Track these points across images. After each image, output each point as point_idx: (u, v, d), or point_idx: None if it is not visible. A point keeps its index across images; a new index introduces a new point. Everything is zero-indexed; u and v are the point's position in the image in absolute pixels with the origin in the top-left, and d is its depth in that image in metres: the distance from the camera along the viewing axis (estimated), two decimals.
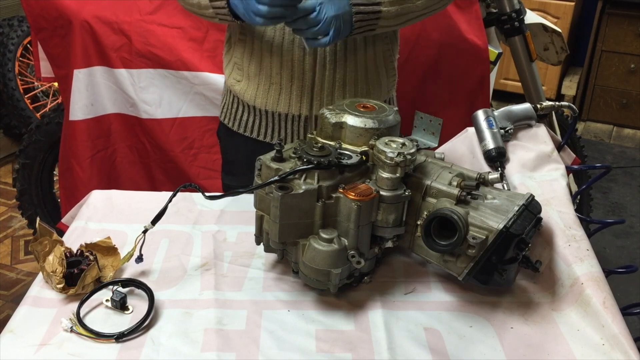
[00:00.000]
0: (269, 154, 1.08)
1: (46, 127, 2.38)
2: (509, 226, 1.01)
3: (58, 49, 2.16)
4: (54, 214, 2.52)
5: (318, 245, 1.03)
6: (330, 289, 1.05)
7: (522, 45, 2.31)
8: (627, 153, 4.03)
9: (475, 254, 1.01)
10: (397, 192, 1.05)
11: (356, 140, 1.10)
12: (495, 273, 1.04)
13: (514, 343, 1.01)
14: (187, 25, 2.14)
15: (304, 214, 1.03)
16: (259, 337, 1.00)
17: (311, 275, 1.04)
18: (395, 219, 1.07)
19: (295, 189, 1.02)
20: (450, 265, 1.06)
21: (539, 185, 1.25)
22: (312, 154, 1.04)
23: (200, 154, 2.19)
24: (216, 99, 2.13)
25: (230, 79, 1.46)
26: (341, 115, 1.11)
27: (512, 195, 1.09)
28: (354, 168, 1.07)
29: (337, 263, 1.03)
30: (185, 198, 1.38)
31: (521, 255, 1.04)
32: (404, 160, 1.03)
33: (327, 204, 1.04)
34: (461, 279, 1.05)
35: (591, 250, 1.12)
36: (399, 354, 0.98)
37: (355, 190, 1.03)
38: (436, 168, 1.11)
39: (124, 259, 1.12)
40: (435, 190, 1.07)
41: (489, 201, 1.07)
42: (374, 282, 1.14)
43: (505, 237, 1.01)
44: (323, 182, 1.04)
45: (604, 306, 1.02)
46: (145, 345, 0.97)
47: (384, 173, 1.04)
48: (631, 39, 4.15)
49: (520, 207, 1.05)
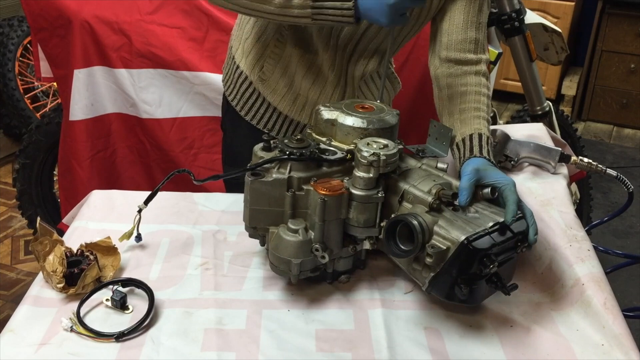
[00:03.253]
0: (261, 143, 1.10)
1: (46, 127, 2.38)
2: (472, 239, 0.95)
3: (58, 49, 2.16)
4: (54, 214, 2.52)
5: (283, 234, 1.05)
6: (291, 279, 1.07)
7: (522, 45, 2.31)
8: (627, 153, 4.03)
9: (432, 263, 0.97)
10: (369, 192, 1.04)
11: (345, 139, 1.11)
12: (456, 287, 0.98)
13: (514, 343, 1.01)
14: (187, 25, 2.14)
15: (274, 202, 1.06)
16: (259, 337, 1.00)
17: (275, 262, 1.06)
18: (367, 220, 1.06)
19: (266, 176, 1.05)
20: (417, 273, 1.04)
21: (540, 186, 1.25)
22: (288, 145, 1.07)
23: (200, 154, 2.19)
24: (216, 99, 2.13)
25: (255, 73, 1.40)
26: (334, 112, 1.13)
27: (496, 212, 1.02)
28: (334, 164, 1.08)
29: (298, 254, 1.04)
30: (186, 198, 1.38)
31: (487, 272, 0.97)
32: (377, 161, 1.02)
33: (297, 195, 1.06)
34: (424, 289, 1.02)
35: (592, 250, 1.12)
36: (398, 353, 0.98)
37: (324, 185, 1.04)
38: (422, 175, 1.09)
39: (122, 237, 1.15)
40: (412, 196, 1.05)
41: (471, 214, 1.02)
42: (373, 281, 1.14)
43: (468, 250, 0.95)
44: (295, 173, 1.06)
45: (605, 307, 1.02)
46: (145, 345, 0.97)
47: (358, 172, 1.05)
48: (631, 38, 4.15)
49: (497, 223, 0.99)
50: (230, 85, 1.47)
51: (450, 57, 1.27)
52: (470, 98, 1.24)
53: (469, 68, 1.26)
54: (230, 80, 1.47)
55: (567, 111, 4.26)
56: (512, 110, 4.33)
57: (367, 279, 1.15)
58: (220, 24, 2.14)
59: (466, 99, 1.24)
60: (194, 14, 2.14)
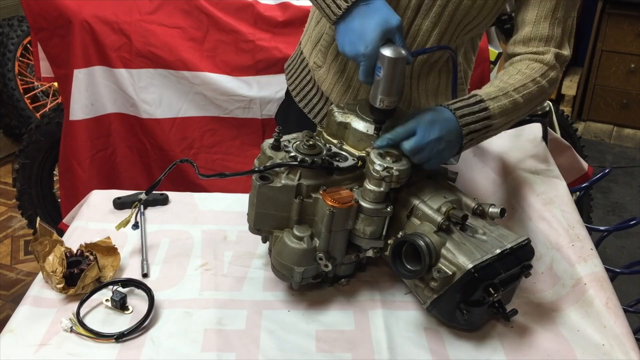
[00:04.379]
0: (270, 139, 1.06)
1: (46, 127, 2.38)
2: (478, 268, 0.94)
3: (58, 49, 2.15)
4: (54, 214, 2.51)
5: (288, 241, 1.03)
6: (293, 285, 1.06)
7: None
8: (627, 153, 4.03)
9: (437, 287, 0.97)
10: (378, 206, 1.02)
11: (357, 144, 1.08)
12: (457, 312, 0.98)
13: (514, 343, 1.01)
14: (187, 25, 2.13)
15: (280, 207, 1.03)
16: (259, 337, 1.00)
17: (277, 267, 1.05)
18: (374, 232, 1.04)
19: (274, 181, 1.02)
20: (419, 290, 1.02)
21: (543, 182, 1.25)
22: (300, 151, 1.03)
23: (200, 154, 2.19)
24: (216, 98, 2.13)
25: (312, 59, 1.37)
26: (347, 115, 1.09)
27: (503, 235, 1.01)
28: (344, 171, 1.05)
29: (301, 262, 1.02)
30: (186, 198, 1.37)
31: (490, 300, 0.97)
32: (389, 176, 1.00)
33: (305, 202, 1.03)
34: (425, 307, 1.02)
35: (594, 250, 1.11)
36: (399, 354, 0.98)
37: (334, 196, 1.00)
38: (433, 189, 1.06)
39: (120, 225, 1.15)
40: (421, 213, 1.03)
41: (479, 236, 1.01)
42: (374, 282, 1.14)
43: (472, 279, 0.94)
44: (305, 180, 1.03)
45: (607, 307, 1.01)
46: (145, 345, 0.97)
47: (369, 185, 1.02)
48: (631, 39, 4.15)
49: (504, 250, 0.97)
50: (291, 71, 1.45)
51: (515, 52, 1.20)
52: (508, 71, 1.17)
53: (530, 56, 1.17)
54: (293, 66, 1.45)
55: (567, 111, 4.26)
56: None
57: (368, 280, 1.15)
58: (220, 24, 2.13)
59: (504, 72, 1.17)
60: (194, 14, 2.14)
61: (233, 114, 2.16)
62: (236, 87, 2.13)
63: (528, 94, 1.13)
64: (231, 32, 2.13)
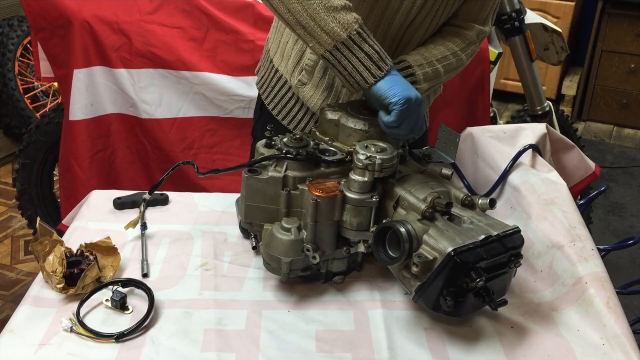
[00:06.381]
0: (264, 139, 1.10)
1: (46, 127, 2.38)
2: (459, 252, 0.93)
3: (58, 49, 2.15)
4: (54, 214, 2.52)
5: (276, 232, 1.05)
6: (281, 277, 1.08)
7: (522, 45, 2.31)
8: (627, 153, 4.03)
9: (418, 272, 0.96)
10: (363, 196, 1.04)
11: (346, 140, 1.11)
12: (441, 299, 0.97)
13: (514, 343, 1.01)
14: (187, 25, 2.13)
15: (269, 199, 1.06)
16: (259, 337, 1.00)
17: (267, 259, 1.07)
18: (360, 223, 1.05)
19: (262, 173, 1.05)
20: (405, 281, 1.03)
21: (543, 183, 1.25)
22: (286, 144, 1.07)
23: (200, 154, 2.19)
24: (216, 99, 2.13)
25: (295, 78, 1.36)
26: (337, 113, 1.12)
27: (491, 224, 1.00)
28: (332, 165, 1.08)
29: (289, 252, 1.04)
30: (185, 198, 1.38)
31: (473, 286, 0.94)
32: (372, 164, 1.02)
33: (292, 194, 1.06)
34: (411, 297, 1.02)
35: (596, 250, 1.11)
36: (399, 354, 0.98)
37: (318, 186, 1.03)
38: (421, 181, 1.07)
39: (128, 225, 1.18)
40: (406, 202, 1.04)
41: (466, 225, 1.00)
42: (374, 282, 1.14)
43: (454, 263, 0.93)
44: (291, 171, 1.06)
45: (608, 306, 1.01)
46: (145, 345, 0.97)
47: (354, 175, 1.04)
48: (631, 38, 4.15)
49: (489, 236, 0.96)
50: (267, 89, 1.44)
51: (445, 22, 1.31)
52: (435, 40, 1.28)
53: (455, 30, 1.30)
54: (267, 84, 1.44)
55: (567, 111, 4.26)
56: (512, 110, 4.33)
57: (367, 279, 1.15)
58: (220, 24, 2.14)
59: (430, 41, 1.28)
60: (194, 14, 2.14)
61: (233, 114, 2.16)
62: (236, 87, 2.13)
63: (448, 65, 1.27)
64: (231, 32, 2.13)
